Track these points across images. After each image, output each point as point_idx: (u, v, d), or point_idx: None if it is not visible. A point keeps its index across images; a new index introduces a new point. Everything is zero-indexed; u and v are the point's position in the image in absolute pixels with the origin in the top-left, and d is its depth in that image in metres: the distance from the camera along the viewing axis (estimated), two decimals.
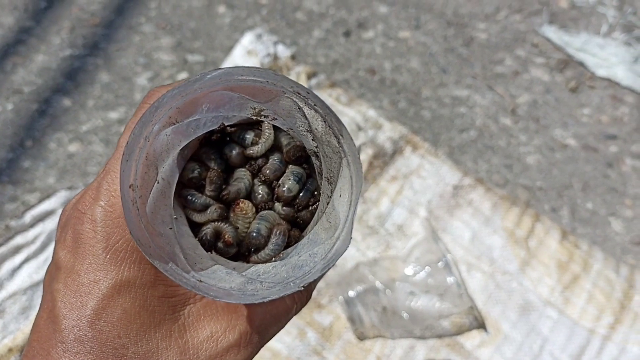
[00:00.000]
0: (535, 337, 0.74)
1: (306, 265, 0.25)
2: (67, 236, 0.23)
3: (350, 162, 0.25)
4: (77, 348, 0.22)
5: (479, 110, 1.06)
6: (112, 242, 0.22)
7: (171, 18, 1.21)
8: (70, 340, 0.22)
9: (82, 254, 0.23)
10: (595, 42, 1.20)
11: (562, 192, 0.94)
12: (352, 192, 0.25)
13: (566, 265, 0.79)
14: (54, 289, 0.23)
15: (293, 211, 0.27)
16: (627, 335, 0.76)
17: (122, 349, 0.22)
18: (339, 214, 0.25)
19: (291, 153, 0.27)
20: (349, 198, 0.25)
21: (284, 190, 0.26)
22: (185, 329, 0.23)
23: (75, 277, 0.22)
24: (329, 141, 0.26)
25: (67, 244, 0.23)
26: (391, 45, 1.18)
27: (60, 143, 0.96)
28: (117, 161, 0.23)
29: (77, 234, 0.23)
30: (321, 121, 0.25)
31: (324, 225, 0.26)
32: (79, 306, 0.22)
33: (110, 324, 0.22)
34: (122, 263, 0.23)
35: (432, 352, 0.73)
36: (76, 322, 0.22)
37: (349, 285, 0.74)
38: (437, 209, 0.82)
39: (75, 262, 0.23)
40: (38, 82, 1.06)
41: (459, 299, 0.71)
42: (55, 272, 0.23)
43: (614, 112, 1.08)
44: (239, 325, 0.24)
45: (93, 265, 0.22)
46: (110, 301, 0.22)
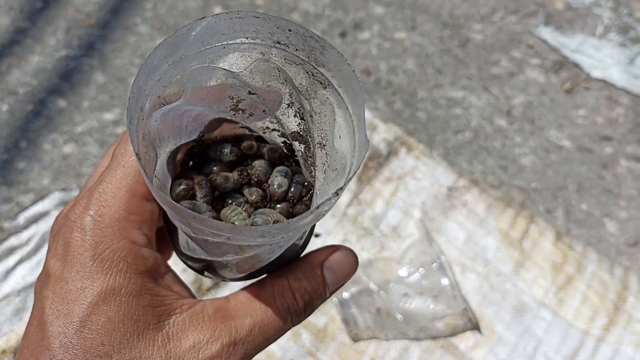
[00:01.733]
0: (529, 338, 0.74)
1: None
2: (58, 245, 0.24)
3: (340, 89, 0.24)
4: (63, 355, 0.22)
5: (474, 111, 1.06)
6: (99, 251, 0.23)
7: (167, 19, 1.21)
8: (56, 347, 0.22)
9: (70, 261, 0.23)
10: (591, 43, 1.20)
11: (556, 194, 0.95)
12: (352, 117, 0.24)
13: (560, 267, 0.79)
14: (43, 296, 0.23)
15: (289, 205, 0.27)
16: (621, 337, 0.76)
17: (105, 357, 0.22)
18: (345, 155, 0.25)
19: (270, 154, 0.28)
20: (349, 129, 0.24)
21: (274, 187, 0.27)
22: (169, 338, 0.24)
23: (63, 285, 0.23)
24: (315, 92, 0.25)
25: (58, 252, 0.23)
26: (387, 46, 1.18)
27: (55, 144, 0.95)
28: (110, 171, 0.23)
29: (67, 242, 0.23)
30: (304, 73, 0.25)
31: (330, 178, 0.26)
32: (66, 313, 0.22)
33: (95, 331, 0.22)
34: (109, 271, 0.23)
35: (426, 353, 0.73)
36: (62, 329, 0.22)
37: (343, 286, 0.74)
38: (432, 211, 0.82)
39: (63, 269, 0.23)
40: (33, 83, 1.06)
41: (453, 300, 0.71)
42: (45, 279, 0.24)
43: (609, 114, 1.08)
44: (222, 337, 0.24)
45: (80, 273, 0.23)
46: (95, 309, 0.22)
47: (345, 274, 0.28)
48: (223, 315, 0.25)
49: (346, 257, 0.28)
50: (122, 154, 0.24)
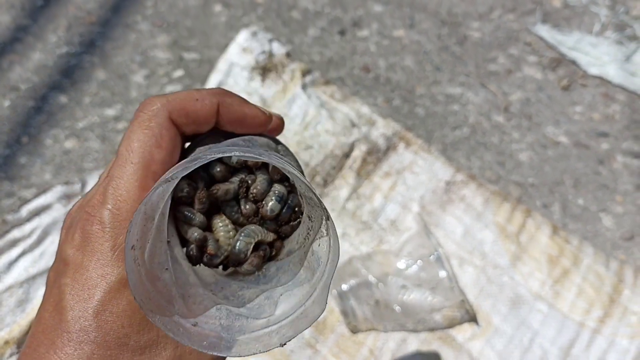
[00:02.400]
0: (525, 330, 0.75)
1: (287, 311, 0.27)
2: (76, 235, 0.25)
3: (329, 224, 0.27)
4: (82, 337, 0.23)
5: (472, 107, 1.07)
6: (119, 242, 0.24)
7: (167, 16, 1.22)
8: (75, 330, 0.23)
9: (90, 251, 0.24)
10: (588, 40, 1.21)
11: (553, 189, 0.95)
12: (330, 248, 0.27)
13: (556, 260, 0.80)
14: (61, 283, 0.24)
15: (275, 226, 0.30)
16: (616, 329, 0.77)
17: (124, 338, 0.24)
18: (320, 259, 0.27)
19: (273, 172, 0.29)
20: (328, 253, 0.27)
21: (267, 210, 0.28)
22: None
23: (83, 272, 0.24)
24: (311, 197, 0.27)
25: (75, 243, 0.25)
26: (386, 44, 1.19)
27: (57, 139, 0.96)
28: (120, 168, 0.25)
29: (86, 234, 0.24)
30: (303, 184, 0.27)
31: (303, 262, 0.28)
32: (86, 298, 0.24)
33: (115, 314, 0.24)
34: None
35: (424, 344, 0.74)
36: (82, 313, 0.23)
37: (342, 279, 0.75)
38: (430, 205, 0.83)
39: (83, 258, 0.24)
40: (34, 80, 1.06)
41: (451, 292, 0.72)
42: (63, 267, 0.25)
43: (606, 110, 1.09)
44: None
45: (101, 261, 0.24)
46: (116, 294, 0.24)
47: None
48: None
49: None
50: (129, 151, 0.25)
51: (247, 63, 0.90)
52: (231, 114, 0.28)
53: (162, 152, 0.26)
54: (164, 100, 0.26)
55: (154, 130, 0.25)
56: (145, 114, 0.26)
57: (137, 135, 0.25)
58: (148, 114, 0.26)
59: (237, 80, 0.90)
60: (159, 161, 0.25)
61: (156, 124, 0.25)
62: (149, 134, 0.25)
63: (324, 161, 0.85)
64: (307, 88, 0.90)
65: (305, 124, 0.87)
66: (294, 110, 0.88)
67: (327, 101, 0.91)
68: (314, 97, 0.90)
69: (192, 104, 0.27)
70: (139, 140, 0.25)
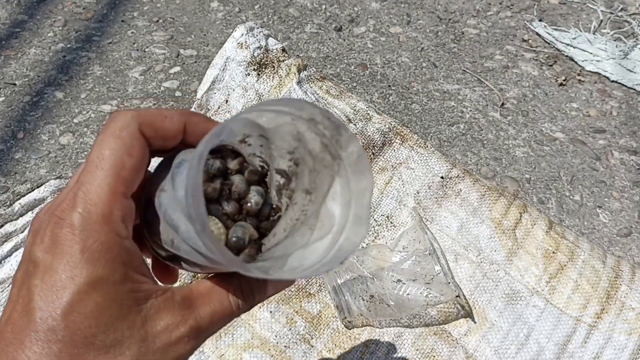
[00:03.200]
0: (521, 325, 0.75)
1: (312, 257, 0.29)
2: (45, 238, 0.25)
3: (349, 168, 0.28)
4: (50, 336, 0.24)
5: (469, 104, 1.07)
6: (88, 245, 0.25)
7: (164, 12, 1.21)
8: (44, 330, 0.24)
9: (60, 253, 0.25)
10: (585, 37, 1.21)
11: (550, 185, 0.95)
12: (351, 194, 0.28)
13: (553, 255, 0.80)
14: (31, 284, 0.25)
15: (259, 221, 0.31)
16: (613, 325, 0.77)
17: (91, 337, 0.24)
18: (334, 215, 0.29)
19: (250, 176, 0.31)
20: (346, 200, 0.28)
21: (252, 204, 0.30)
22: (146, 320, 0.26)
23: (52, 274, 0.24)
24: (322, 158, 0.29)
25: (45, 246, 0.25)
26: (382, 40, 1.19)
27: (52, 135, 0.96)
28: (90, 174, 0.26)
29: (56, 237, 0.25)
30: (319, 143, 0.28)
31: (316, 226, 0.30)
32: (55, 299, 0.24)
33: (83, 315, 0.24)
34: (97, 262, 0.25)
35: (419, 340, 0.74)
36: (50, 314, 0.24)
37: (337, 273, 0.74)
38: (425, 200, 0.83)
39: (53, 260, 0.25)
40: (30, 75, 1.06)
41: (446, 287, 0.72)
42: (33, 269, 0.25)
43: (603, 107, 1.09)
44: (190, 320, 0.27)
45: (70, 263, 0.24)
46: (84, 295, 0.24)
47: (284, 284, 0.33)
48: (189, 302, 0.28)
49: None
50: (100, 158, 0.26)
51: (243, 58, 0.90)
52: (197, 130, 0.30)
53: (133, 159, 0.27)
54: (135, 113, 0.28)
55: (125, 139, 0.26)
56: (116, 124, 0.27)
57: (108, 143, 0.26)
58: (119, 124, 0.27)
59: (233, 76, 0.90)
60: (129, 168, 0.26)
61: (127, 134, 0.26)
62: (120, 143, 0.26)
63: None
64: (303, 83, 0.90)
65: None
66: None
67: (323, 97, 0.90)
68: (310, 92, 0.90)
69: (161, 119, 0.28)
70: (110, 148, 0.26)
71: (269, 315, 0.74)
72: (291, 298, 0.76)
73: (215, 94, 0.90)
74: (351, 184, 0.28)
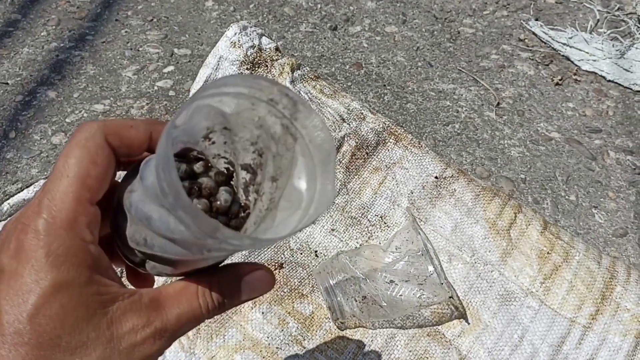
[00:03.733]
0: (515, 326, 0.74)
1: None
2: (11, 245, 0.26)
3: (309, 145, 0.29)
4: (16, 339, 0.24)
5: (464, 103, 1.06)
6: (53, 249, 0.25)
7: (159, 11, 1.21)
8: (10, 333, 0.24)
9: (24, 258, 0.25)
10: (582, 37, 1.20)
11: (545, 185, 0.95)
12: (315, 167, 0.29)
13: (547, 256, 0.79)
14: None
15: (228, 219, 0.32)
16: (608, 326, 0.76)
17: (57, 339, 0.25)
18: (302, 191, 0.29)
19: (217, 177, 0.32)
20: (311, 174, 0.29)
21: (222, 202, 0.31)
22: (112, 322, 0.27)
23: (18, 279, 0.25)
24: (285, 141, 0.30)
25: (10, 252, 0.26)
26: (378, 40, 1.18)
27: (44, 135, 0.95)
28: (55, 181, 0.26)
29: (21, 243, 0.25)
30: (280, 126, 0.29)
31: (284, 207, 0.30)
32: (20, 303, 0.25)
33: (49, 317, 0.25)
34: (62, 266, 0.25)
35: (412, 341, 0.73)
36: (16, 317, 0.24)
37: (329, 274, 0.74)
38: (419, 200, 0.82)
39: (18, 266, 0.25)
40: (23, 75, 1.05)
41: (440, 288, 0.71)
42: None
43: (599, 106, 1.08)
44: (156, 322, 0.28)
45: (35, 268, 0.25)
46: (50, 298, 0.25)
47: (259, 291, 0.33)
48: (156, 304, 0.28)
49: (264, 276, 0.33)
50: (65, 167, 0.27)
51: (236, 57, 0.89)
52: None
53: (98, 168, 0.27)
54: (101, 124, 0.28)
55: (90, 149, 0.27)
56: (82, 134, 0.28)
57: (74, 152, 0.27)
58: (85, 134, 0.28)
59: (225, 75, 0.89)
60: (94, 176, 0.27)
61: (92, 144, 0.27)
62: (85, 152, 0.27)
63: None
64: (296, 83, 0.89)
65: None
66: None
67: (317, 96, 0.90)
68: (303, 92, 0.89)
69: (126, 130, 0.29)
70: (75, 157, 0.27)
71: (260, 316, 0.74)
72: (283, 299, 0.76)
73: None
74: (314, 158, 0.29)
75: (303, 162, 0.29)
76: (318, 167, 0.29)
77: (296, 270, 0.78)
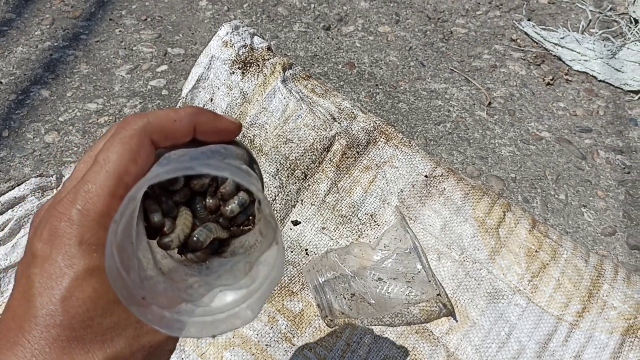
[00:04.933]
0: (503, 324, 0.75)
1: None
2: (45, 231, 0.27)
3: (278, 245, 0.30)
4: (49, 321, 0.25)
5: (455, 103, 1.07)
6: (85, 238, 0.26)
7: (153, 11, 1.21)
8: (43, 315, 0.25)
9: (58, 245, 0.26)
10: (573, 37, 1.21)
11: (535, 184, 0.95)
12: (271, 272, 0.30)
13: (535, 254, 0.80)
14: (30, 273, 0.26)
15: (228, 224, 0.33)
16: (594, 323, 0.77)
17: (89, 321, 0.26)
18: (259, 275, 0.30)
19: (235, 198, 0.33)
20: (269, 270, 0.30)
21: (227, 210, 0.32)
22: None
23: (51, 263, 0.26)
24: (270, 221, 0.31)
25: (44, 238, 0.27)
26: (371, 40, 1.19)
27: (37, 133, 0.96)
28: (95, 173, 0.27)
29: (55, 229, 0.26)
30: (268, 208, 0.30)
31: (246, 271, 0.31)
32: (53, 286, 0.26)
33: (81, 300, 0.26)
34: (94, 253, 0.27)
35: (400, 338, 0.74)
36: (49, 299, 0.25)
37: (319, 272, 0.74)
38: (409, 198, 0.83)
39: (52, 251, 0.26)
40: (17, 74, 1.06)
41: (428, 285, 0.72)
42: (32, 260, 0.27)
43: (590, 106, 1.09)
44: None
45: (68, 254, 0.26)
46: (82, 281, 0.26)
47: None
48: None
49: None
50: (106, 161, 0.28)
51: (228, 57, 0.90)
52: (207, 130, 0.32)
53: (137, 167, 0.28)
54: (146, 121, 0.29)
55: (133, 147, 0.28)
56: (127, 132, 0.28)
57: (116, 148, 0.28)
58: (130, 131, 0.28)
59: (217, 74, 0.89)
60: (132, 174, 0.28)
61: (136, 142, 0.28)
62: (127, 149, 0.28)
63: (303, 155, 0.85)
64: (287, 82, 0.90)
65: (285, 117, 0.87)
66: (274, 104, 0.88)
67: (308, 95, 0.90)
68: (295, 91, 0.90)
69: (170, 124, 0.30)
70: (117, 153, 0.28)
71: None
72: (273, 297, 0.76)
73: (200, 92, 0.90)
74: (277, 261, 0.29)
75: (271, 252, 0.30)
76: (271, 274, 0.29)
77: (286, 268, 0.79)
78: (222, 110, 0.88)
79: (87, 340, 0.26)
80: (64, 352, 0.25)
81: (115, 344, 0.27)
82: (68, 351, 0.25)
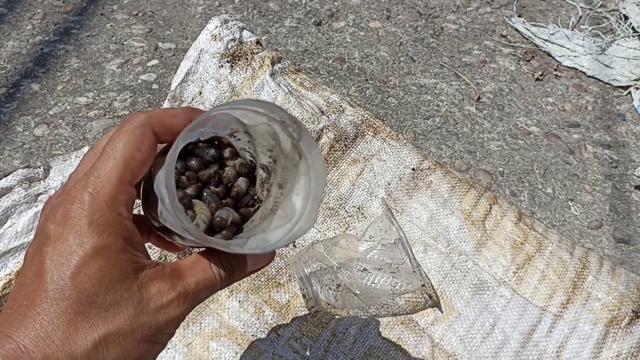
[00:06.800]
0: (487, 315, 0.76)
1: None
2: (57, 213, 0.29)
3: (310, 169, 0.34)
4: (58, 295, 0.28)
5: (445, 98, 1.07)
6: (95, 219, 0.29)
7: (144, 6, 1.21)
8: (53, 289, 0.28)
9: (69, 225, 0.29)
10: (563, 33, 1.22)
11: (523, 178, 0.96)
12: (310, 191, 0.35)
13: (521, 246, 0.81)
14: (43, 252, 0.29)
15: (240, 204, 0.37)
16: (578, 314, 0.77)
17: (94, 297, 0.28)
18: (296, 207, 0.34)
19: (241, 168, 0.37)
20: (306, 195, 0.35)
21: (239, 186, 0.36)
22: (142, 285, 0.30)
23: (63, 242, 0.28)
24: (292, 158, 0.35)
25: (57, 219, 0.29)
26: (361, 35, 1.19)
27: (27, 126, 0.96)
28: (103, 162, 0.30)
29: (67, 211, 0.29)
30: (290, 144, 0.34)
31: (280, 215, 0.35)
32: (64, 263, 0.28)
33: (88, 276, 0.28)
34: (102, 234, 0.29)
35: (386, 329, 0.74)
36: (60, 275, 0.28)
37: (305, 263, 0.75)
38: (396, 191, 0.84)
39: (64, 231, 0.29)
40: (7, 67, 1.06)
41: (413, 276, 0.72)
42: (45, 240, 0.29)
43: (578, 101, 1.09)
44: (179, 287, 0.32)
45: (79, 233, 0.29)
46: (90, 260, 0.28)
47: (261, 263, 0.38)
48: (177, 273, 0.33)
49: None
50: (113, 150, 0.31)
51: (216, 50, 0.90)
52: None
53: (141, 154, 0.31)
54: (148, 115, 0.32)
55: (137, 137, 0.31)
56: (131, 124, 0.32)
57: (122, 138, 0.31)
58: (133, 124, 0.32)
59: (206, 67, 0.90)
60: (137, 161, 0.31)
61: (140, 132, 0.31)
62: (132, 139, 0.31)
63: None
64: (276, 76, 0.90)
65: None
66: (262, 98, 0.88)
67: (297, 89, 0.91)
68: (283, 84, 0.90)
69: (169, 118, 0.33)
70: (123, 142, 0.31)
71: (237, 304, 0.75)
72: (260, 288, 0.77)
73: (189, 85, 0.90)
74: (312, 182, 0.34)
75: (303, 181, 0.34)
76: (312, 192, 0.34)
77: (274, 260, 0.79)
78: (211, 103, 0.89)
79: (91, 314, 0.28)
80: (70, 324, 0.27)
81: (116, 320, 0.29)
82: (74, 324, 0.27)
